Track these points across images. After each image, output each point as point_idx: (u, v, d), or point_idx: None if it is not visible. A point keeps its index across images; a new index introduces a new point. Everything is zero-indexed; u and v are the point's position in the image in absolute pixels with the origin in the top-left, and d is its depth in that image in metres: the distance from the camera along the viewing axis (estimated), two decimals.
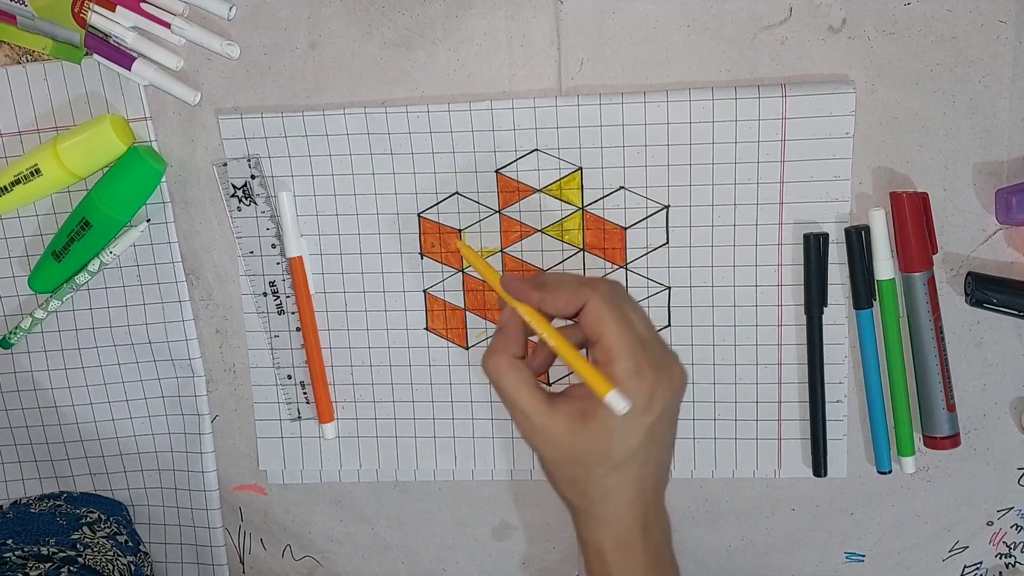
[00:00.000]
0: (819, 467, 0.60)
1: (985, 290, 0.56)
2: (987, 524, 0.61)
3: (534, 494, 0.64)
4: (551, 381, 0.61)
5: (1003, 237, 0.57)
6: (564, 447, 0.48)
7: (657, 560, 0.51)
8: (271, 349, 0.63)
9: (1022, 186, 0.54)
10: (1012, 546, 0.61)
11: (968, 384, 0.59)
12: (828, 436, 0.60)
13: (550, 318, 0.49)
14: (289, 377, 0.64)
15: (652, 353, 0.47)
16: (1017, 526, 0.61)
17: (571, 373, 0.61)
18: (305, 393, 0.64)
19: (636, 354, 0.46)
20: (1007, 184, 0.55)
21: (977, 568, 0.62)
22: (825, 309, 0.58)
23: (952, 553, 0.62)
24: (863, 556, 0.63)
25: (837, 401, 0.59)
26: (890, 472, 0.59)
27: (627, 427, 0.47)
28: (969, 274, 0.56)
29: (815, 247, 0.57)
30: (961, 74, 0.54)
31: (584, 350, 0.49)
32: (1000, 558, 0.62)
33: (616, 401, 0.45)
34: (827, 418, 0.59)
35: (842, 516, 0.62)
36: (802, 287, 0.58)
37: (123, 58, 0.59)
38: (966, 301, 0.57)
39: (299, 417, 0.64)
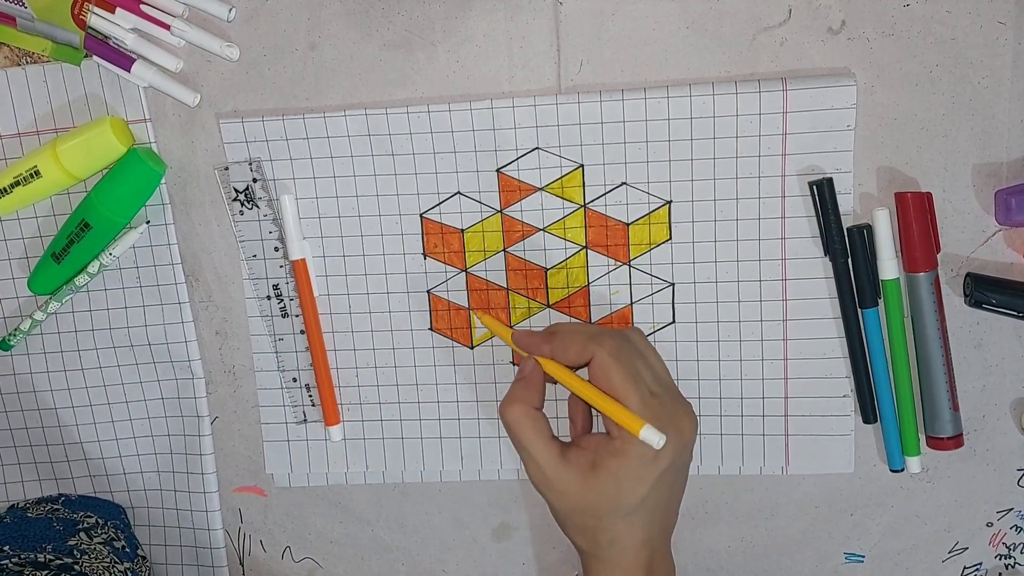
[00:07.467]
0: (867, 415, 0.59)
1: (984, 291, 0.56)
2: (987, 525, 0.61)
3: (534, 495, 0.64)
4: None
5: (1002, 238, 0.57)
6: (575, 497, 0.50)
7: None
8: (275, 352, 0.63)
9: (1021, 187, 0.54)
10: (1012, 547, 0.61)
11: (968, 385, 0.59)
12: (835, 432, 0.60)
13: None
14: (294, 380, 0.64)
15: (661, 406, 0.49)
16: (1017, 527, 0.61)
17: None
18: (310, 396, 0.64)
19: (642, 409, 0.48)
20: (1006, 185, 0.56)
21: (976, 569, 0.62)
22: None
23: (952, 554, 0.62)
24: (862, 557, 0.63)
25: (844, 396, 0.60)
26: (903, 470, 0.59)
27: (636, 477, 0.48)
28: (968, 275, 0.57)
29: (827, 192, 0.56)
30: (960, 75, 0.55)
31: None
32: (1000, 559, 0.62)
33: (651, 436, 0.47)
34: (833, 412, 0.60)
35: (842, 517, 0.62)
36: (805, 279, 0.58)
37: (123, 60, 0.59)
38: (965, 302, 0.57)
39: (305, 420, 0.64)
